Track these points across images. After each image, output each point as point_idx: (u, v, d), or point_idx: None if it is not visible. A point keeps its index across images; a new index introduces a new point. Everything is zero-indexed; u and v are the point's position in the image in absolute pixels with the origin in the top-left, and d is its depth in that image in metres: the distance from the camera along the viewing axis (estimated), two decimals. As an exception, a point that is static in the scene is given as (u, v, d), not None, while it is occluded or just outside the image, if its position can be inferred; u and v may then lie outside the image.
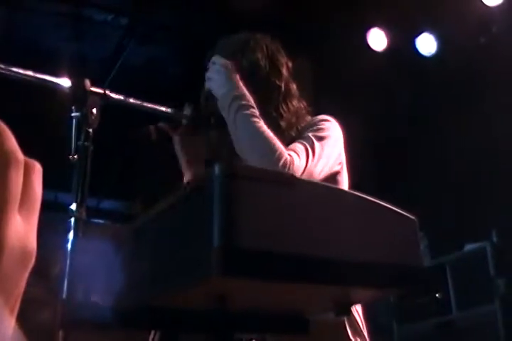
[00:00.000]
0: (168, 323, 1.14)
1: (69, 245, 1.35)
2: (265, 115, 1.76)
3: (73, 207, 1.41)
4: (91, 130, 1.50)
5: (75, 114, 1.51)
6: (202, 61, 1.93)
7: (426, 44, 4.77)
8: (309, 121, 1.85)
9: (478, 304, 3.96)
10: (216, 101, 1.78)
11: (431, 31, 4.74)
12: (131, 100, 1.66)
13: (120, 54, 4.80)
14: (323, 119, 1.85)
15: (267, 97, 1.83)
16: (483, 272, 3.94)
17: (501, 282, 3.84)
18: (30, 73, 1.49)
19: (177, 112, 1.80)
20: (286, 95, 1.87)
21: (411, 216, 1.07)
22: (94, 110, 1.52)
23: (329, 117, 1.87)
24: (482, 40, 4.49)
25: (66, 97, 1.52)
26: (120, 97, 1.63)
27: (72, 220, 1.39)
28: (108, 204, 6.17)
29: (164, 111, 1.74)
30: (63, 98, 1.52)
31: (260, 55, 1.87)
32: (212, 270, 0.84)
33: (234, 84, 1.77)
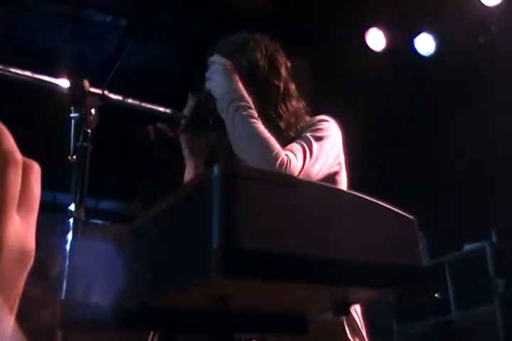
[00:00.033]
0: (168, 324, 1.14)
1: (68, 245, 1.35)
2: (264, 115, 1.76)
3: (72, 208, 1.41)
4: (90, 130, 1.50)
5: (74, 115, 1.51)
6: (201, 61, 1.93)
7: (425, 44, 4.77)
8: (308, 122, 1.85)
9: (477, 304, 3.96)
10: (215, 101, 1.78)
11: (429, 31, 4.75)
12: (129, 101, 1.66)
13: (119, 55, 4.80)
14: (322, 119, 1.85)
15: (266, 97, 1.83)
16: (482, 272, 3.94)
17: (500, 282, 3.84)
18: (28, 74, 1.49)
19: (176, 113, 1.80)
20: (285, 95, 1.87)
21: (410, 216, 1.07)
22: (92, 111, 1.52)
23: (328, 117, 1.87)
24: (481, 40, 4.49)
25: (65, 98, 1.52)
26: (119, 98, 1.63)
27: (71, 221, 1.39)
28: (107, 204, 6.16)
29: (163, 111, 1.74)
30: (62, 98, 1.52)
31: (259, 55, 1.87)
32: (212, 270, 0.84)
33: (233, 84, 1.77)
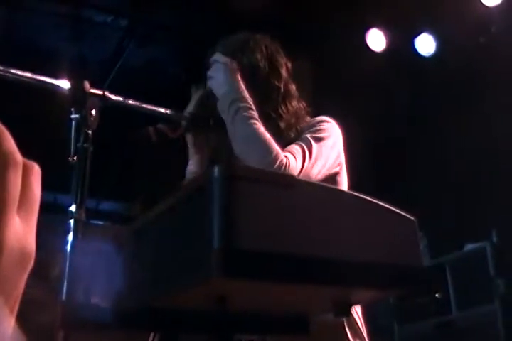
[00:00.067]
0: (168, 324, 1.14)
1: (68, 246, 1.35)
2: (264, 116, 1.76)
3: (73, 209, 1.41)
4: (90, 131, 1.50)
5: (75, 116, 1.51)
6: (202, 61, 1.93)
7: (425, 44, 4.77)
8: (309, 122, 1.85)
9: (478, 304, 3.96)
10: (217, 100, 1.77)
11: (430, 31, 4.75)
12: (130, 101, 1.66)
13: (120, 55, 4.80)
14: (322, 120, 1.84)
15: (267, 98, 1.83)
16: (483, 272, 3.94)
17: (501, 282, 3.84)
18: (29, 75, 1.49)
19: (176, 113, 1.79)
20: (285, 96, 1.87)
21: (410, 216, 1.07)
22: (93, 112, 1.52)
23: (328, 118, 1.86)
24: (481, 40, 4.49)
25: (65, 99, 1.52)
26: (119, 99, 1.63)
27: (71, 222, 1.39)
28: (107, 205, 6.16)
29: (163, 112, 1.73)
30: (63, 99, 1.52)
31: (260, 56, 1.87)
32: (212, 271, 0.84)
33: (234, 84, 1.76)
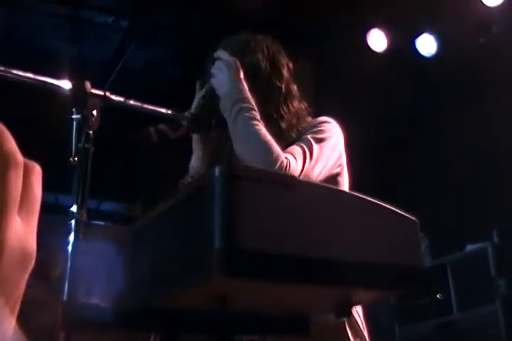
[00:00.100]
0: (168, 324, 1.14)
1: (69, 247, 1.35)
2: (266, 116, 1.75)
3: (74, 209, 1.41)
4: (91, 132, 1.50)
5: (76, 116, 1.50)
6: (202, 62, 1.93)
7: (426, 44, 4.77)
8: (310, 123, 1.85)
9: (479, 304, 3.95)
10: (219, 99, 1.77)
11: (431, 32, 4.74)
12: (131, 102, 1.66)
13: (120, 56, 4.80)
14: (323, 121, 1.84)
15: (268, 98, 1.83)
16: (484, 272, 3.94)
17: (502, 282, 3.84)
18: (30, 75, 1.49)
19: (177, 114, 1.79)
20: (286, 96, 1.87)
21: (411, 217, 1.07)
22: (94, 112, 1.52)
23: (330, 119, 1.86)
24: (482, 41, 4.49)
25: (66, 99, 1.52)
26: (120, 99, 1.63)
27: (72, 222, 1.39)
28: (108, 206, 6.17)
29: (164, 112, 1.73)
30: (64, 100, 1.52)
31: (261, 56, 1.86)
32: (213, 271, 0.84)
33: (237, 84, 1.76)
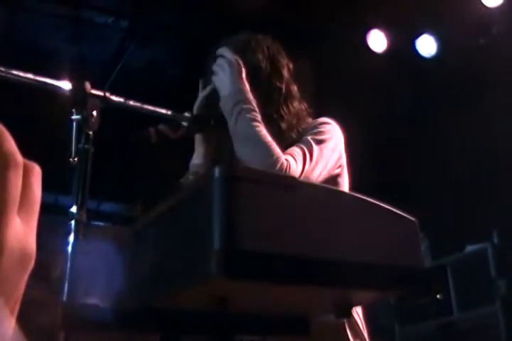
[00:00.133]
0: (168, 325, 1.14)
1: (69, 247, 1.35)
2: (266, 116, 1.75)
3: (73, 210, 1.41)
4: (91, 132, 1.50)
5: (75, 117, 1.50)
6: (202, 62, 1.93)
7: (426, 45, 4.77)
8: (310, 124, 1.85)
9: (479, 305, 3.95)
10: (219, 98, 1.77)
11: (431, 32, 4.75)
12: (131, 102, 1.66)
13: (120, 56, 4.80)
14: (323, 122, 1.84)
15: (268, 99, 1.82)
16: (484, 273, 3.93)
17: (502, 283, 3.84)
18: (30, 76, 1.49)
19: (177, 114, 1.79)
20: (287, 97, 1.86)
21: (411, 217, 1.07)
22: (94, 112, 1.52)
23: (330, 120, 1.86)
24: (482, 41, 4.50)
25: (66, 100, 1.52)
26: (120, 100, 1.63)
27: (72, 223, 1.39)
28: (108, 206, 6.16)
29: (164, 113, 1.73)
30: (63, 101, 1.52)
31: (261, 56, 1.86)
32: (212, 271, 0.84)
33: (238, 85, 1.75)
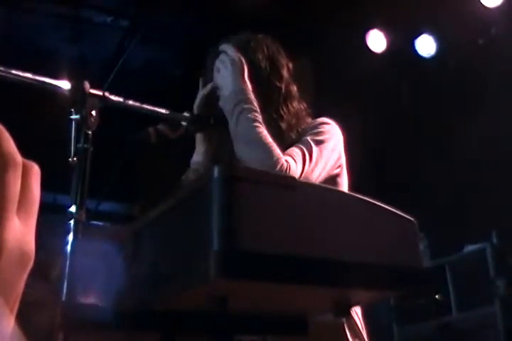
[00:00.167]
0: (168, 324, 1.14)
1: (68, 247, 1.35)
2: (265, 116, 1.75)
3: (73, 209, 1.41)
4: (90, 132, 1.50)
5: (75, 116, 1.50)
6: (202, 62, 1.93)
7: (425, 45, 4.77)
8: (309, 124, 1.84)
9: (478, 305, 3.95)
10: (219, 97, 1.77)
11: (430, 32, 4.75)
12: (130, 102, 1.66)
13: (120, 56, 4.80)
14: (323, 122, 1.84)
15: (268, 99, 1.82)
16: (483, 273, 3.93)
17: (501, 283, 3.84)
18: (29, 75, 1.49)
19: (177, 114, 1.79)
20: (286, 97, 1.86)
21: (410, 217, 1.07)
22: (93, 112, 1.52)
23: (329, 120, 1.86)
24: (481, 41, 4.50)
25: (65, 99, 1.52)
26: (119, 99, 1.63)
27: (71, 222, 1.39)
28: (107, 206, 6.15)
29: (164, 113, 1.73)
30: (62, 100, 1.52)
31: (261, 56, 1.86)
32: (212, 272, 0.84)
33: (240, 84, 1.75)
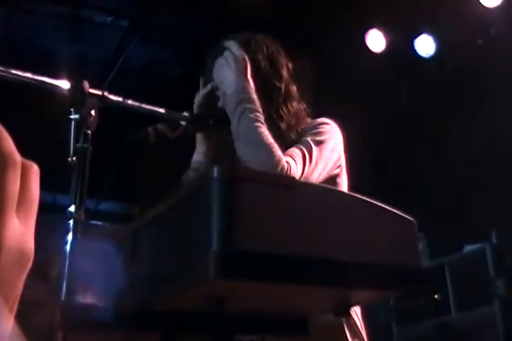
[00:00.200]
0: (167, 324, 1.14)
1: (68, 247, 1.35)
2: (265, 116, 1.75)
3: (72, 209, 1.41)
4: (89, 132, 1.50)
5: (74, 116, 1.50)
6: (202, 62, 1.93)
7: (425, 45, 4.77)
8: (309, 124, 1.84)
9: (477, 305, 3.95)
10: (219, 97, 1.77)
11: (430, 32, 4.75)
12: (129, 102, 1.66)
13: (119, 55, 4.80)
14: (322, 122, 1.84)
15: (267, 99, 1.82)
16: (482, 273, 3.93)
17: (501, 283, 3.84)
18: (29, 75, 1.49)
19: (176, 114, 1.79)
20: (286, 97, 1.86)
21: (410, 217, 1.07)
22: (92, 112, 1.52)
23: (329, 120, 1.86)
24: (480, 41, 4.50)
25: (65, 99, 1.52)
26: (119, 99, 1.63)
27: (70, 222, 1.39)
28: (107, 205, 6.15)
29: (163, 112, 1.73)
30: (62, 100, 1.52)
31: (261, 56, 1.86)
32: (211, 272, 0.84)
33: (243, 83, 1.75)
